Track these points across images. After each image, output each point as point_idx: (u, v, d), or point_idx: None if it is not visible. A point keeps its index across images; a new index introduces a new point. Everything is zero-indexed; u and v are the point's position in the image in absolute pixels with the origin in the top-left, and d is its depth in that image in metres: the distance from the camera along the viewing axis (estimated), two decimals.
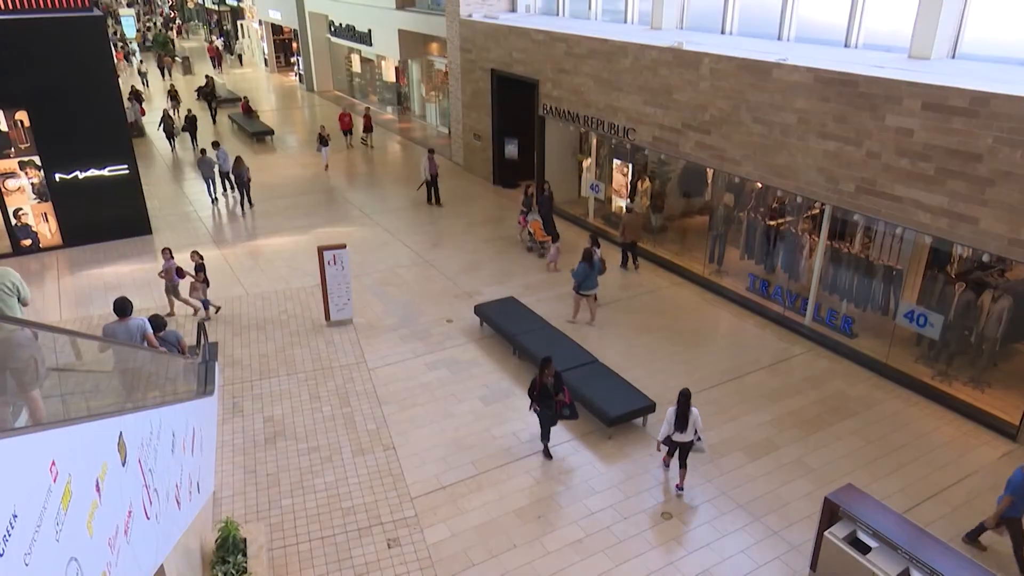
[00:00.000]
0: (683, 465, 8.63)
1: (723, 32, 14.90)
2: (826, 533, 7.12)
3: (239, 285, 14.46)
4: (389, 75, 30.67)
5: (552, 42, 16.74)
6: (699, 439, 8.57)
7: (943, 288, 10.63)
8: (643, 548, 7.89)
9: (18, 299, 5.75)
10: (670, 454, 8.86)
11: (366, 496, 8.66)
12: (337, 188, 20.61)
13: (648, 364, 11.40)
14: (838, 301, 12.07)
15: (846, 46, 12.58)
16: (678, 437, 8.50)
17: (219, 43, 49.44)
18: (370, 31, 28.17)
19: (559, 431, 9.80)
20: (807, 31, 13.42)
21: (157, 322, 9.38)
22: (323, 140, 22.47)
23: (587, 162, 17.66)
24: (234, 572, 7.22)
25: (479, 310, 12.59)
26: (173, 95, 30.47)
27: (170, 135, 24.98)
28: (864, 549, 6.83)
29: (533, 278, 14.59)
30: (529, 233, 15.98)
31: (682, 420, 8.40)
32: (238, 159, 19.11)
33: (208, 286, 13.16)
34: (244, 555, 7.51)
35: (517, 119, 19.24)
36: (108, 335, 7.76)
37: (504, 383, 11.03)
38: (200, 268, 13.03)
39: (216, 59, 44.15)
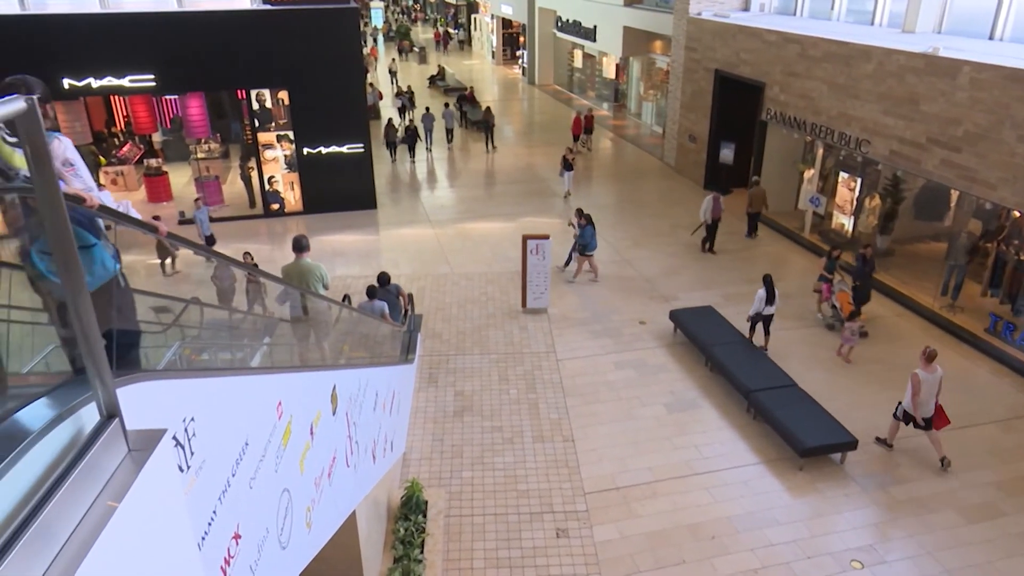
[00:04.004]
0: (768, 332, 11.58)
1: (992, 38, 13.16)
2: None
3: (446, 264, 15.33)
4: (609, 72, 30.75)
5: (785, 43, 15.81)
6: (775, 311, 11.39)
7: None
8: None
9: (323, 284, 7.82)
10: (753, 328, 11.53)
11: (541, 483, 8.84)
12: (547, 180, 21.06)
13: (853, 396, 10.47)
14: None
15: None
16: (767, 311, 11.33)
17: (449, 30, 54.82)
18: (595, 27, 28.41)
19: (746, 451, 9.34)
20: None
21: (383, 277, 10.82)
22: (568, 165, 19.13)
23: (809, 173, 16.52)
24: (414, 530, 7.72)
25: (674, 315, 12.29)
26: (410, 94, 29.16)
27: (392, 146, 23.28)
28: None
29: (735, 289, 13.95)
30: (833, 307, 12.47)
31: (771, 296, 11.15)
32: (487, 109, 24.48)
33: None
34: (424, 516, 8.00)
35: (735, 123, 18.45)
36: (361, 310, 9.55)
37: (691, 393, 10.69)
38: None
39: (441, 43, 50.62)
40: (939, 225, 14.26)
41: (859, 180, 14.87)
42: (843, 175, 15.40)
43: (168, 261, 6.64)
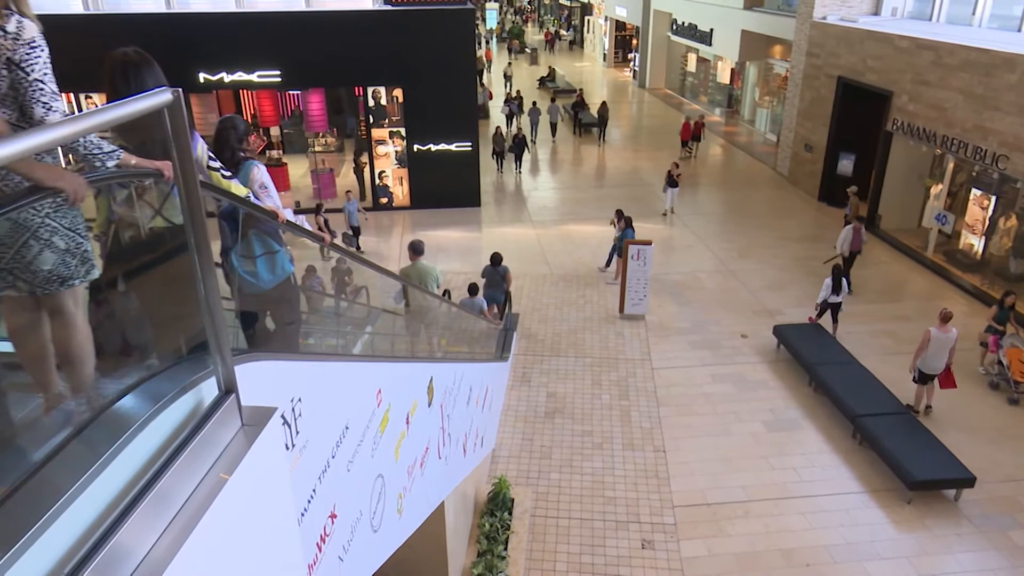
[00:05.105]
0: (836, 320, 11.94)
1: None
2: None
3: (545, 264, 15.37)
4: (724, 77, 29.92)
5: (917, 50, 14.87)
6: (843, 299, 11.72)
7: None
8: None
9: (436, 284, 8.81)
10: (820, 315, 11.90)
11: (629, 491, 8.72)
12: (652, 186, 20.70)
13: (973, 430, 9.73)
14: None
15: None
16: (833, 299, 11.63)
17: (561, 30, 55.89)
18: (711, 31, 27.71)
19: (848, 478, 8.87)
20: None
21: (496, 257, 11.74)
22: (672, 181, 17.83)
23: (936, 188, 15.48)
24: (499, 526, 7.79)
25: (778, 331, 11.83)
26: (518, 100, 28.01)
27: (499, 155, 22.14)
28: None
29: (846, 308, 13.22)
30: (1000, 363, 10.66)
31: (837, 286, 11.52)
32: (603, 104, 25.37)
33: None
34: (510, 514, 8.06)
35: (856, 132, 17.53)
36: (462, 306, 9.92)
37: (792, 412, 10.26)
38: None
39: (549, 43, 51.63)
40: None
41: (993, 198, 13.81)
42: (975, 192, 14.35)
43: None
